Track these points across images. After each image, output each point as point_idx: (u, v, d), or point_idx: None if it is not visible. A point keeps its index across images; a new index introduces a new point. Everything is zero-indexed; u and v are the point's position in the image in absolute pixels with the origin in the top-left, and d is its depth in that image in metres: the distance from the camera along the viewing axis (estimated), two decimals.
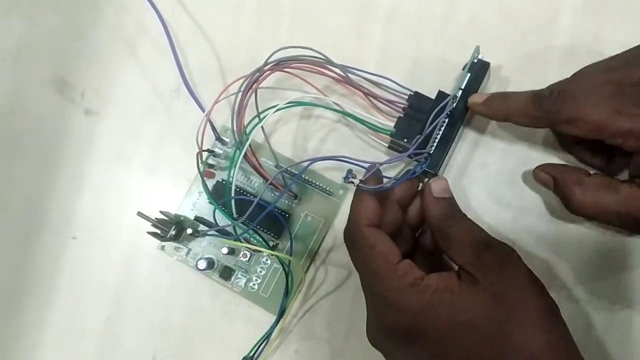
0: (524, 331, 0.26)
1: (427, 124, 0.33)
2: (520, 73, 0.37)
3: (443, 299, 0.27)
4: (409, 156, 0.33)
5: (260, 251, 0.36)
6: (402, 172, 0.35)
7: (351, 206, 0.31)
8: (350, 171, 0.31)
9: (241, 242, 0.33)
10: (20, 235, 0.40)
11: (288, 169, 0.36)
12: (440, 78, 0.36)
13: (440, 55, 0.32)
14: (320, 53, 0.34)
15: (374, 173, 0.31)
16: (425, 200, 0.32)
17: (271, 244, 0.36)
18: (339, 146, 0.38)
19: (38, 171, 0.40)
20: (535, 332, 0.26)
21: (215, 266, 0.37)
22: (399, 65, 0.38)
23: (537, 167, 0.34)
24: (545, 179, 0.33)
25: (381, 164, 0.32)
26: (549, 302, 0.28)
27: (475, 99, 0.33)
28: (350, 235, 0.31)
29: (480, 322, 0.27)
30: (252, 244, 0.34)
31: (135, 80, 0.40)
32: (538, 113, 0.30)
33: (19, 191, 0.40)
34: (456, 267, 0.30)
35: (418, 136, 0.33)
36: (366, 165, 0.32)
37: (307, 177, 0.37)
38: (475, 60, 0.34)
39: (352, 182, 0.31)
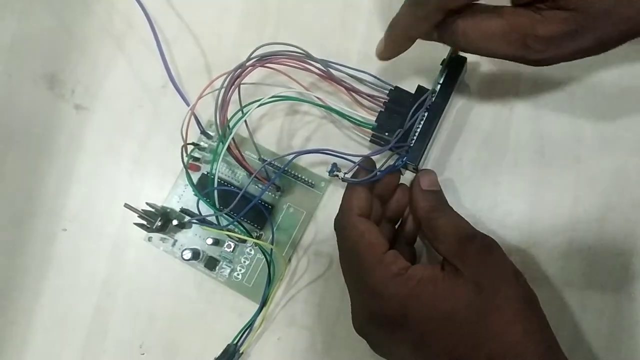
0: (504, 321, 0.25)
1: (408, 118, 0.32)
2: (497, 69, 0.35)
3: (426, 288, 0.27)
4: (390, 149, 0.31)
5: (244, 240, 0.34)
6: (384, 166, 0.33)
7: (344, 196, 0.31)
8: (335, 164, 0.31)
9: (223, 230, 0.31)
10: (12, 227, 0.38)
11: (271, 161, 0.34)
12: (420, 73, 0.36)
13: (420, 51, 0.31)
14: (300, 49, 0.33)
15: (364, 166, 0.31)
16: (414, 192, 0.31)
17: (255, 235, 0.35)
18: (323, 142, 0.37)
19: (29, 165, 0.39)
20: (514, 321, 0.25)
21: (201, 257, 0.35)
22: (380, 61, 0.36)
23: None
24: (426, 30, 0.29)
25: (364, 157, 0.31)
26: (529, 293, 0.27)
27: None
28: (341, 224, 0.30)
29: (461, 312, 0.26)
30: (235, 233, 0.32)
31: (124, 77, 0.39)
32: None
33: (11, 185, 0.39)
34: (440, 259, 0.29)
35: (399, 130, 0.31)
36: (349, 157, 0.31)
37: (290, 170, 0.36)
38: (453, 56, 0.32)
39: (337, 176, 0.30)
